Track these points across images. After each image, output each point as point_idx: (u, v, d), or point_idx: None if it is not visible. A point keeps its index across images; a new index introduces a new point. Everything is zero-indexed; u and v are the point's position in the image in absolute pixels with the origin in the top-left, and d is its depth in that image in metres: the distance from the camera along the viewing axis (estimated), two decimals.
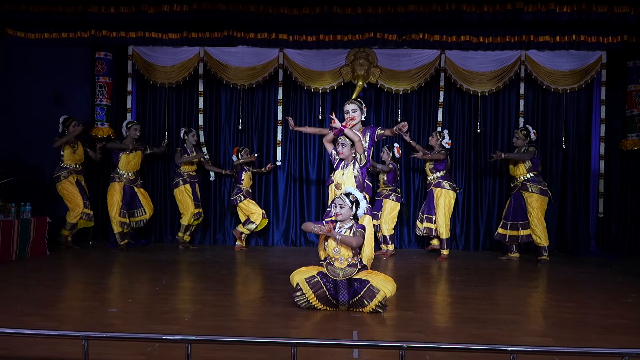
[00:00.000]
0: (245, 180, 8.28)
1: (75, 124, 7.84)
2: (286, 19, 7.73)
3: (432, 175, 7.79)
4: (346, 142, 5.13)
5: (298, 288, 4.44)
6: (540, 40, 7.99)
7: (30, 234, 7.01)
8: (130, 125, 8.17)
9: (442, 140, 7.75)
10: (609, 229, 8.53)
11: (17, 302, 4.52)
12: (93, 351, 2.95)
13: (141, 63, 8.69)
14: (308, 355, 3.21)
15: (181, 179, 8.22)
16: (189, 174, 8.28)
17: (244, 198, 8.22)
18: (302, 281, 4.42)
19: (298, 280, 4.45)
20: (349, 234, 4.50)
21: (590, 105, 8.54)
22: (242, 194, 8.23)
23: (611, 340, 3.73)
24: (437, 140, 7.78)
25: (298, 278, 4.46)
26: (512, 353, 2.68)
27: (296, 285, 4.46)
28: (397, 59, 8.48)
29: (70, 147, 7.88)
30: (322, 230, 4.44)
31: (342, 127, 5.10)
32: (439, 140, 7.77)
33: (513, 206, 7.59)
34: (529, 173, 7.45)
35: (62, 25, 8.12)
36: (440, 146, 7.76)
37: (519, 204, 7.55)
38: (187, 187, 8.21)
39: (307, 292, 4.38)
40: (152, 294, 5.04)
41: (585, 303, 5.07)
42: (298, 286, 4.44)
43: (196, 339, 2.82)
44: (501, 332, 3.90)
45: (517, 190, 7.54)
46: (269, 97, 8.89)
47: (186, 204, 8.23)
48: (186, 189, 8.21)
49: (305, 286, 4.39)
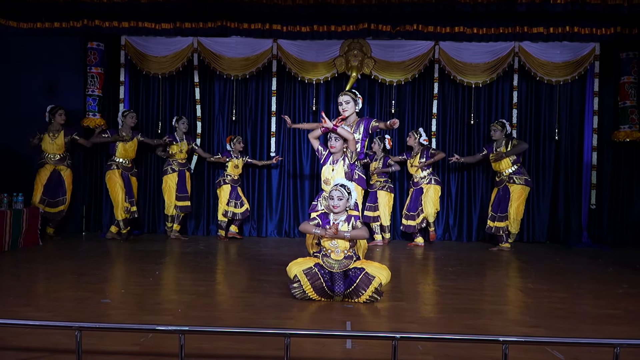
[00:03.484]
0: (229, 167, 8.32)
1: (60, 113, 7.86)
2: (280, 9, 7.67)
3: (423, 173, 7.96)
4: (339, 136, 5.12)
5: (296, 280, 4.42)
6: (533, 32, 7.98)
7: (23, 225, 6.98)
8: (127, 113, 8.16)
9: (420, 138, 7.99)
10: (600, 220, 8.59)
11: (9, 293, 4.50)
12: (86, 342, 2.94)
13: (134, 53, 8.63)
14: (301, 345, 3.22)
15: (169, 167, 8.24)
16: (178, 162, 8.26)
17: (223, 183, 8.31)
18: (300, 273, 4.41)
19: (296, 271, 4.43)
20: (347, 227, 4.49)
21: (583, 97, 8.56)
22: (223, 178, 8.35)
23: (602, 331, 3.76)
24: (415, 140, 8.02)
25: (296, 269, 4.45)
26: (504, 343, 2.69)
27: (294, 277, 4.44)
28: (391, 50, 8.46)
29: (48, 137, 7.88)
30: (328, 234, 4.42)
31: (333, 126, 5.06)
32: (416, 139, 8.01)
33: (500, 199, 7.76)
34: (514, 165, 7.66)
35: (54, 15, 8.03)
36: (419, 144, 7.99)
37: (505, 196, 7.72)
38: (174, 177, 8.22)
39: (305, 284, 4.37)
40: (145, 285, 5.04)
41: (577, 294, 5.11)
42: (296, 277, 4.42)
43: (189, 329, 2.82)
44: (493, 323, 3.93)
45: (504, 184, 7.69)
46: (263, 88, 8.87)
47: (169, 194, 8.25)
48: (172, 179, 8.22)
49: (303, 277, 4.38)
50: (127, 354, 3.11)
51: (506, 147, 7.66)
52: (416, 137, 8.00)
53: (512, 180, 7.65)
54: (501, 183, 7.75)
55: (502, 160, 7.67)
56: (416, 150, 8.01)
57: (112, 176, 8.00)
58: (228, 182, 8.29)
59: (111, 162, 8.05)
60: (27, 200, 7.19)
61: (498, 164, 7.75)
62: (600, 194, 8.51)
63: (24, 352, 3.10)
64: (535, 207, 8.60)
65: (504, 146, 7.68)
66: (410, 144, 8.08)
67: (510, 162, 7.65)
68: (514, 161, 7.66)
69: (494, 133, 7.80)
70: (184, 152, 8.33)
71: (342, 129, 5.07)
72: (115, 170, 8.00)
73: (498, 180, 7.83)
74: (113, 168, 8.01)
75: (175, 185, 8.24)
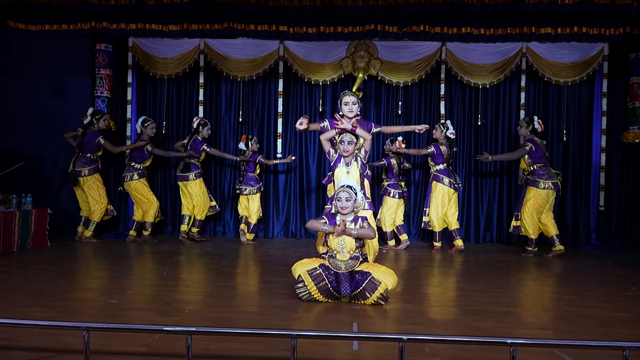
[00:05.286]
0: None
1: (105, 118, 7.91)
2: (286, 10, 7.68)
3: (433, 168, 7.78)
4: (352, 140, 5.12)
5: (300, 280, 4.43)
6: (541, 32, 7.94)
7: (32, 226, 7.02)
8: (148, 123, 8.07)
9: (447, 131, 7.69)
10: (609, 222, 8.54)
11: (18, 293, 4.53)
12: (94, 342, 2.96)
13: (141, 55, 8.67)
14: (308, 347, 3.22)
15: (196, 173, 8.05)
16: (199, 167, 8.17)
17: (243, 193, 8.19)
18: (304, 273, 4.41)
19: (300, 272, 4.44)
20: (354, 227, 4.50)
21: (592, 98, 8.51)
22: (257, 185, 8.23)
23: (611, 334, 3.74)
24: (442, 132, 7.70)
25: (300, 270, 4.45)
26: (511, 346, 2.68)
27: (298, 277, 4.45)
28: (398, 51, 8.45)
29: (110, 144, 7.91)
30: (336, 231, 4.42)
31: (352, 128, 5.08)
32: (443, 132, 7.69)
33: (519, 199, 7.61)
34: (530, 167, 7.40)
35: (62, 17, 8.08)
36: (445, 137, 7.70)
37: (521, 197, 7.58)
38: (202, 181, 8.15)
39: (309, 284, 4.38)
40: (153, 286, 5.06)
41: (586, 296, 5.08)
42: (300, 278, 4.43)
43: (197, 330, 2.82)
44: (501, 325, 3.91)
45: (524, 184, 7.53)
46: (269, 89, 8.88)
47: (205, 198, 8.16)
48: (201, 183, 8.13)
49: (307, 278, 4.39)
50: (134, 354, 3.12)
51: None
52: (443, 130, 7.69)
53: (529, 181, 7.40)
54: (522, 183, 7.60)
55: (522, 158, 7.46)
56: (441, 142, 7.71)
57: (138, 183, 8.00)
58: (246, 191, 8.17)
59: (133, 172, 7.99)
60: (36, 202, 7.21)
61: (521, 162, 7.50)
62: (608, 195, 8.45)
63: (32, 352, 3.11)
64: None
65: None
66: (437, 137, 7.74)
67: (526, 164, 7.41)
68: (529, 163, 7.36)
69: (520, 129, 7.52)
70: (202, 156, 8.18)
71: (360, 130, 5.10)
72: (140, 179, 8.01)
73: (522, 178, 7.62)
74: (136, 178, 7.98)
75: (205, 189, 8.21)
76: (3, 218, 6.50)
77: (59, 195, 8.08)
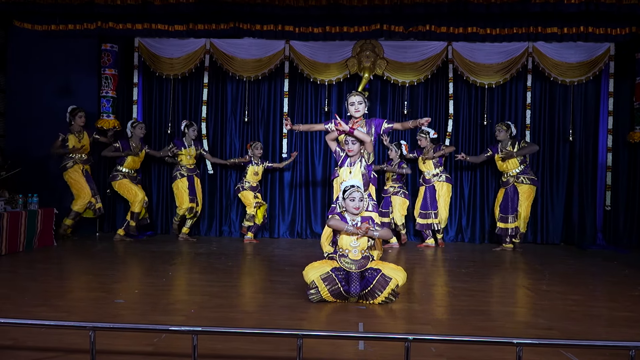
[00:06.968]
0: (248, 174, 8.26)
1: (80, 115, 7.93)
2: (292, 10, 7.68)
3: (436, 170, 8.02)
4: (356, 140, 5.12)
5: (314, 285, 4.37)
6: (547, 32, 7.92)
7: (38, 225, 7.04)
8: (136, 124, 8.20)
9: (429, 135, 8.01)
10: (616, 222, 8.50)
11: (24, 293, 4.55)
12: (100, 342, 2.97)
13: (147, 55, 8.68)
14: (314, 347, 3.22)
15: (178, 173, 8.26)
16: (187, 168, 8.29)
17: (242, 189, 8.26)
18: (317, 279, 4.36)
19: (313, 277, 4.38)
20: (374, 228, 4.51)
21: (598, 98, 8.48)
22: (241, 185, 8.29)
23: (618, 334, 3.72)
24: (427, 139, 8.02)
25: (313, 275, 4.40)
26: (518, 345, 2.67)
27: (311, 283, 4.39)
28: (404, 50, 8.44)
29: (75, 137, 7.91)
30: (360, 231, 4.40)
31: (350, 129, 5.06)
32: (427, 138, 8.01)
33: (509, 199, 7.75)
34: (521, 165, 7.67)
35: (68, 17, 8.11)
36: (430, 142, 8.02)
37: (514, 197, 7.75)
38: (184, 181, 8.23)
39: (322, 290, 4.35)
40: (158, 285, 5.06)
41: (592, 296, 5.06)
42: (313, 284, 4.37)
43: (202, 330, 2.82)
44: (507, 325, 3.90)
45: (512, 184, 7.71)
46: (275, 89, 8.88)
47: (181, 198, 8.26)
48: (182, 183, 8.23)
49: (321, 284, 4.34)
50: (140, 354, 3.12)
51: (512, 147, 7.66)
52: (427, 137, 8.00)
53: (520, 180, 7.67)
54: (507, 183, 7.75)
55: (509, 160, 7.66)
56: (428, 148, 7.99)
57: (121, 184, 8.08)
58: (247, 189, 8.25)
59: (117, 173, 8.11)
60: (42, 202, 7.24)
61: (505, 164, 7.73)
62: (615, 195, 8.42)
63: (38, 351, 3.13)
64: (550, 209, 8.55)
65: (511, 146, 7.68)
66: (424, 145, 8.04)
67: (518, 162, 7.67)
68: (521, 161, 7.68)
69: (499, 133, 7.79)
70: (192, 157, 8.35)
71: (358, 132, 5.07)
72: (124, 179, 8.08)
73: (504, 181, 7.81)
74: (119, 178, 8.08)
75: (187, 189, 8.25)
76: (9, 218, 6.53)
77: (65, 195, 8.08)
